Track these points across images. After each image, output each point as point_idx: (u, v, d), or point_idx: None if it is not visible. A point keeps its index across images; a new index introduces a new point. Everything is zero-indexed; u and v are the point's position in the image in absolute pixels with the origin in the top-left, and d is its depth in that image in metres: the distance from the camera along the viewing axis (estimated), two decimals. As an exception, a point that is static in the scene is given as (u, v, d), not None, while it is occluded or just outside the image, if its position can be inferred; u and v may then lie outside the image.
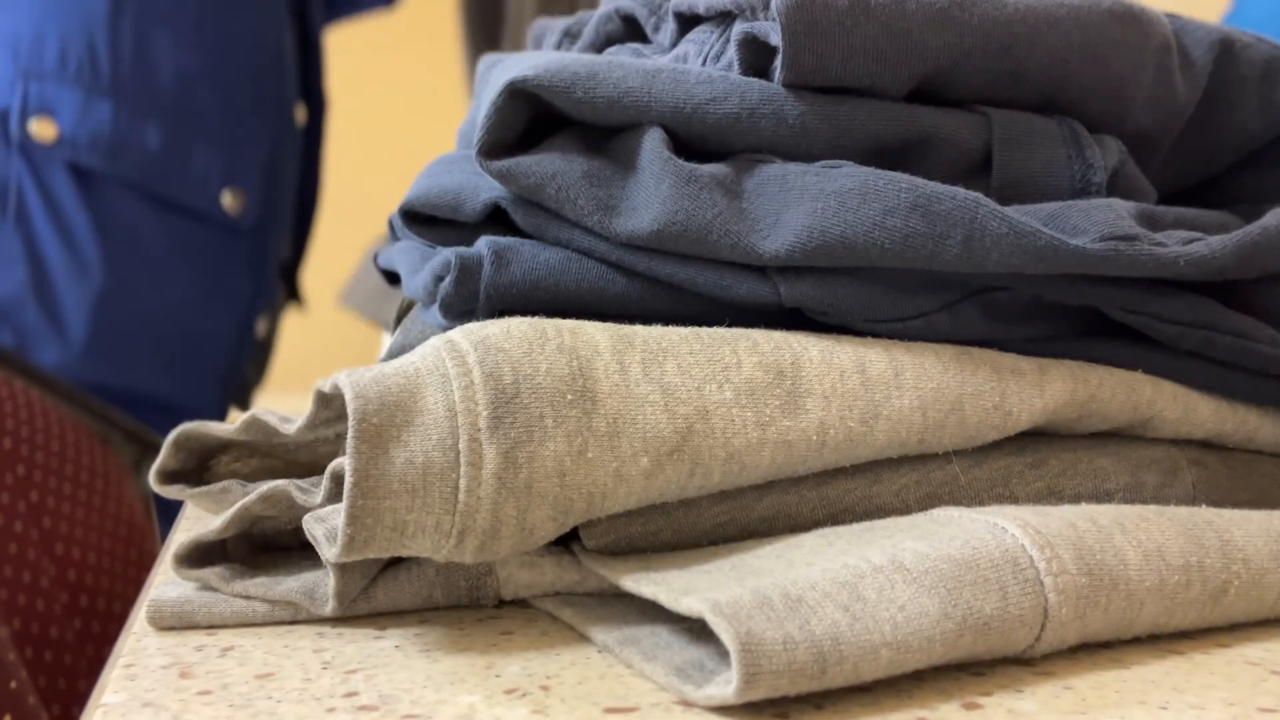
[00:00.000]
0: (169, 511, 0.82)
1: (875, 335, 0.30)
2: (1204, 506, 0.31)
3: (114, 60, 0.81)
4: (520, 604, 0.30)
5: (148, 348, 0.82)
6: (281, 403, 0.89)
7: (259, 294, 0.91)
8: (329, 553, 0.25)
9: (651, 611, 0.27)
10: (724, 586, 0.24)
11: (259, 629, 0.27)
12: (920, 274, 0.30)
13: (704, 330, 0.29)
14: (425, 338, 0.31)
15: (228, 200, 0.84)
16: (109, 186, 0.80)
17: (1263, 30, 0.36)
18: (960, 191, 0.29)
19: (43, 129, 0.78)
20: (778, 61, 0.30)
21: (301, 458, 0.32)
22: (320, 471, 0.30)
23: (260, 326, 0.94)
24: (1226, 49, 0.34)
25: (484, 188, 0.32)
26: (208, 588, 0.28)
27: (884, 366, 0.29)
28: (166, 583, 0.28)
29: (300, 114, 0.98)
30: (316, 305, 1.11)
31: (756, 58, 0.32)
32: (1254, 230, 0.31)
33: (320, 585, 0.27)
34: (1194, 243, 0.30)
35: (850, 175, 0.29)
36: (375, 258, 0.39)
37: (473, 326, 0.27)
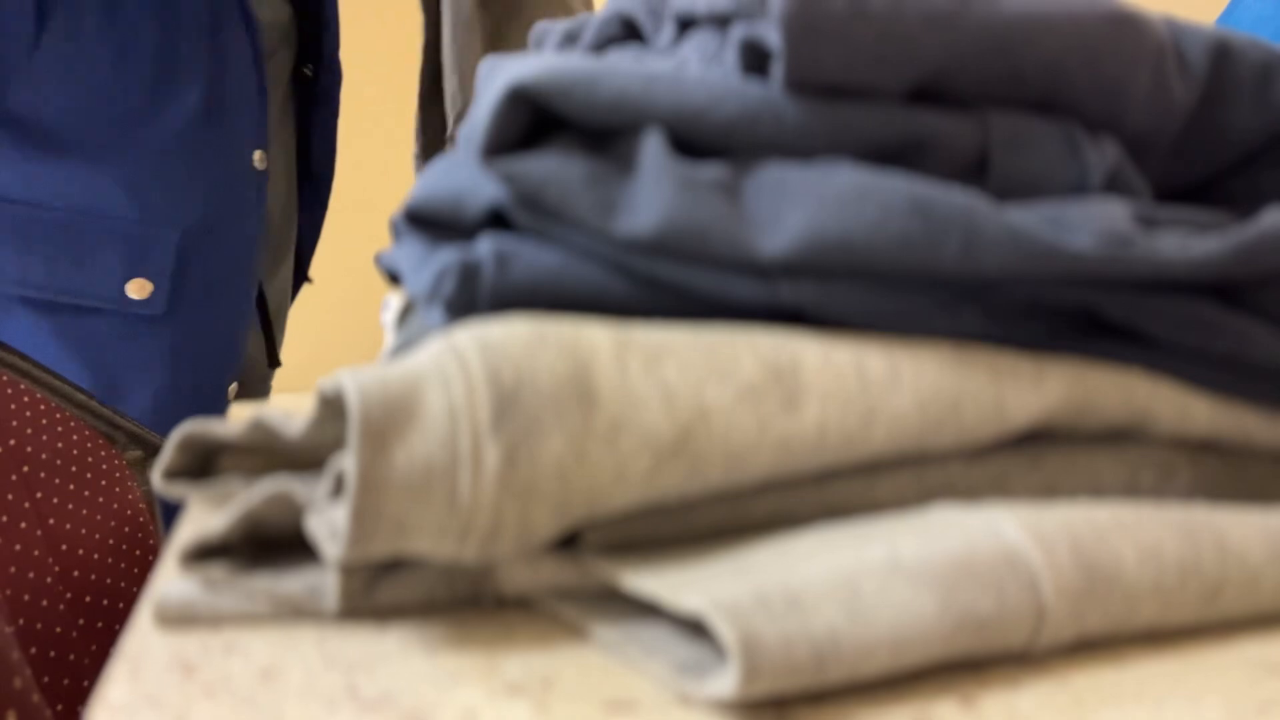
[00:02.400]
0: (172, 510, 0.82)
1: (874, 336, 0.31)
2: (1201, 506, 0.31)
3: None
4: (521, 602, 0.30)
5: None
6: (286, 403, 0.89)
7: (206, 380, 0.85)
8: (331, 552, 0.25)
9: (652, 609, 0.27)
10: (723, 585, 0.25)
11: (262, 626, 0.27)
12: (918, 275, 0.30)
13: (704, 331, 0.29)
14: (427, 338, 0.31)
15: (133, 289, 0.78)
16: None
17: (1258, 32, 0.36)
18: (958, 193, 0.30)
19: None
20: (777, 64, 0.30)
21: (304, 457, 0.32)
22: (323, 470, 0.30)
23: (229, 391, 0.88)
24: (1223, 52, 0.34)
25: (485, 189, 0.32)
26: (211, 585, 0.28)
27: (882, 367, 0.29)
28: (170, 580, 0.29)
29: (260, 160, 0.90)
30: (318, 306, 1.11)
31: (756, 60, 0.32)
32: (1250, 232, 0.31)
33: (323, 583, 0.28)
34: (1191, 244, 0.31)
35: (849, 177, 0.30)
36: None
37: (474, 327, 0.27)
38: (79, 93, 0.77)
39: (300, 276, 1.08)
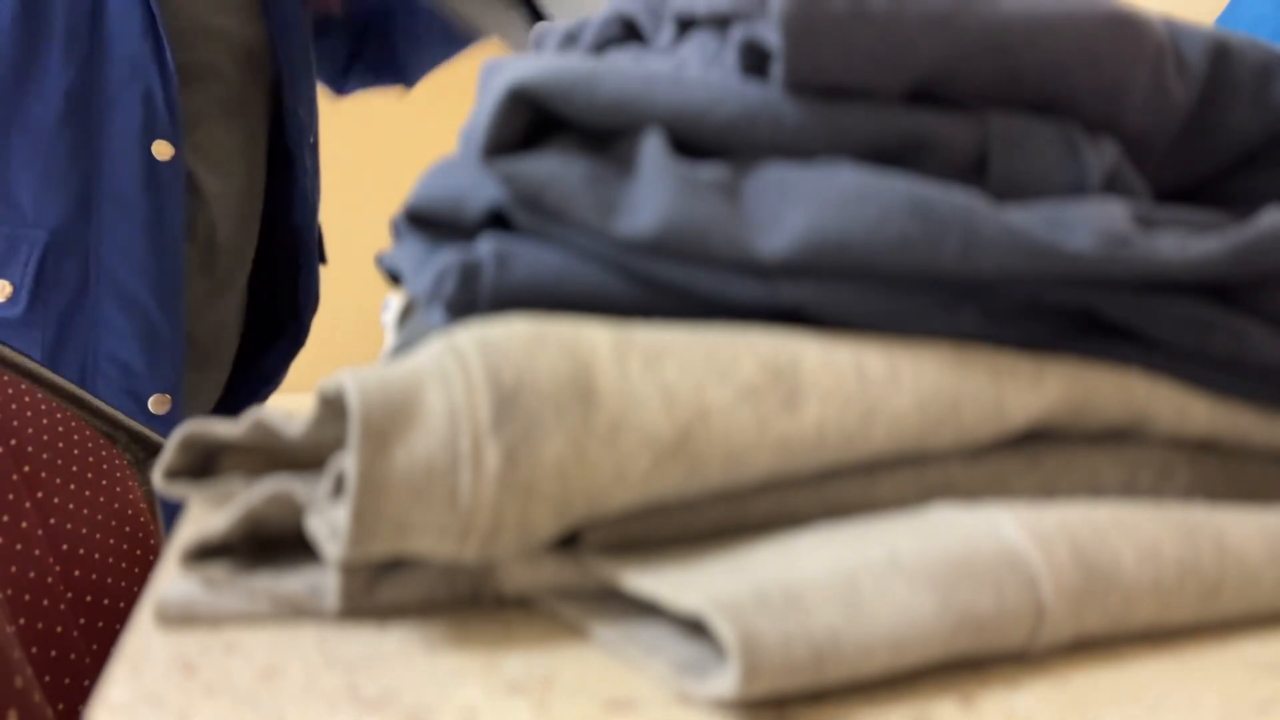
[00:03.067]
0: (173, 510, 0.82)
1: (873, 336, 0.31)
2: (1199, 506, 0.31)
3: None
4: (522, 601, 0.30)
5: None
6: (287, 404, 0.89)
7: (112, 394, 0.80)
8: (332, 551, 0.25)
9: (652, 608, 0.27)
10: (723, 584, 0.25)
11: (263, 626, 0.27)
12: (918, 275, 0.30)
13: (704, 331, 0.29)
14: (427, 338, 0.31)
15: None
16: None
17: (1256, 33, 0.36)
18: (957, 194, 0.30)
19: None
20: (776, 64, 0.30)
21: (305, 457, 0.32)
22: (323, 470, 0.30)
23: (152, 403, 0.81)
24: (1222, 53, 0.34)
25: (485, 190, 0.32)
26: (211, 585, 0.28)
27: (882, 366, 0.29)
28: (171, 580, 0.29)
29: (160, 151, 0.82)
30: (321, 308, 1.11)
31: (755, 60, 0.32)
32: (1249, 232, 0.31)
33: (323, 583, 0.28)
34: (1190, 244, 0.31)
35: (848, 177, 0.30)
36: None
37: (474, 327, 0.27)
38: None
39: (296, 338, 1.01)
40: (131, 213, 0.79)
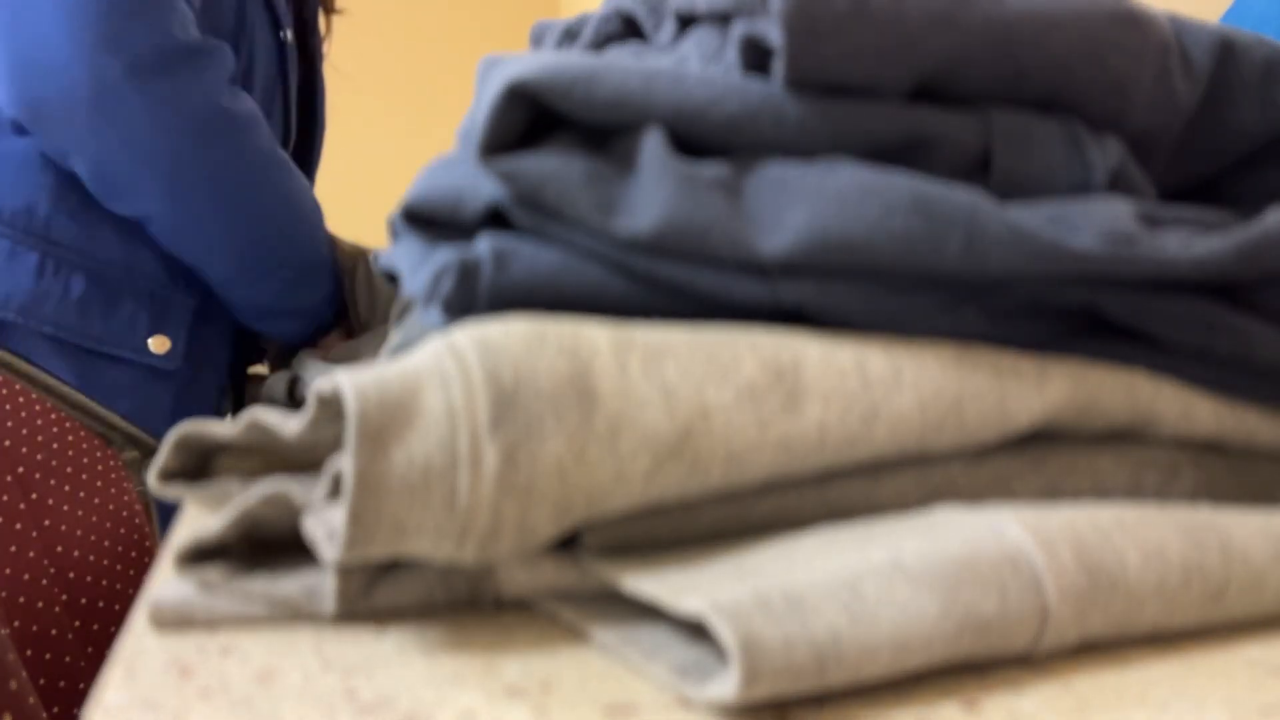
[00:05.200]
0: (168, 511, 0.82)
1: (875, 335, 0.30)
2: (1204, 507, 0.31)
3: (49, 220, 0.82)
4: (520, 604, 0.30)
5: None
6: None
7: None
8: (329, 553, 0.25)
9: (652, 611, 0.27)
10: (724, 586, 0.24)
11: (259, 628, 0.27)
12: (920, 274, 0.30)
13: (704, 330, 0.29)
14: (425, 338, 0.31)
15: (154, 344, 0.86)
16: (21, 334, 0.81)
17: (1262, 31, 0.36)
18: (960, 192, 0.29)
19: None
20: (778, 61, 0.30)
21: (302, 458, 0.32)
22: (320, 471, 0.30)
23: None
24: (1227, 50, 0.34)
25: (484, 188, 0.32)
26: (207, 587, 0.28)
27: (884, 366, 0.29)
28: (167, 582, 0.29)
29: None
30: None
31: (756, 58, 0.32)
32: (1254, 231, 0.31)
33: (320, 585, 0.27)
34: (1194, 243, 0.31)
35: (850, 175, 0.29)
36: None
37: (473, 327, 0.27)
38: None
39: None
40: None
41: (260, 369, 1.05)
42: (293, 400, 0.83)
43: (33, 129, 0.79)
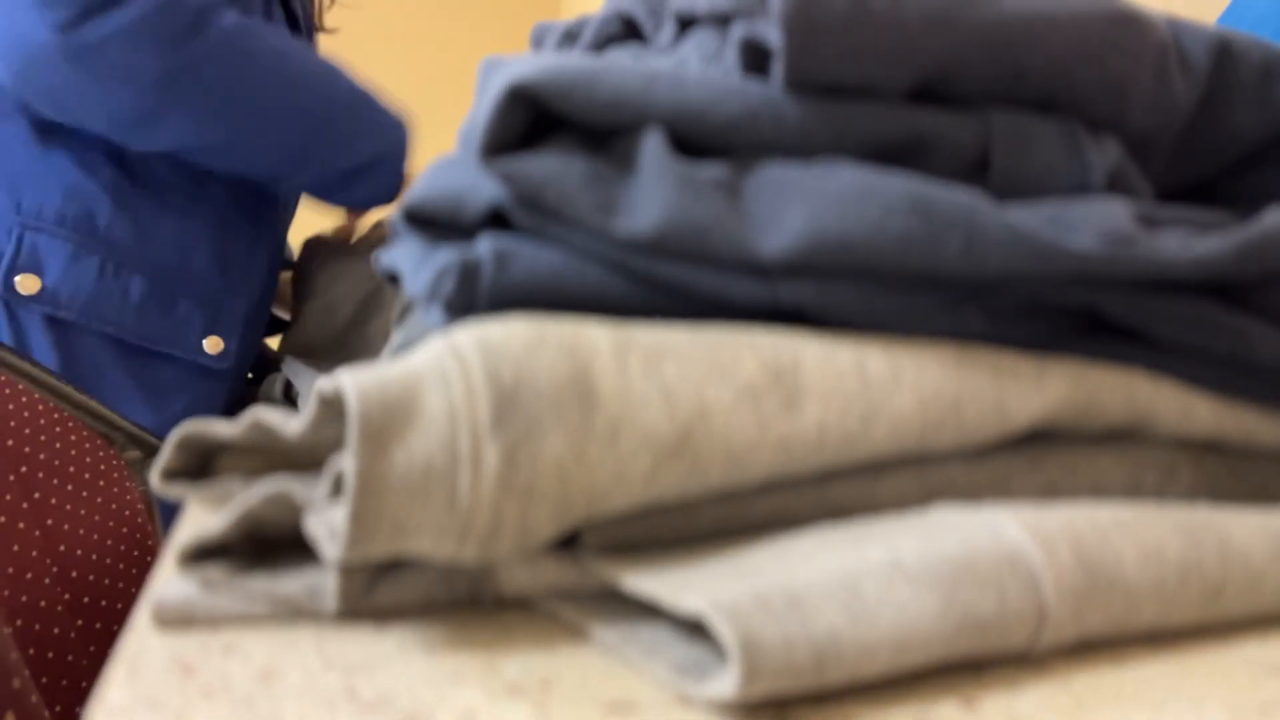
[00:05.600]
0: (171, 511, 0.82)
1: (875, 335, 0.30)
2: (1203, 506, 0.31)
3: (110, 224, 0.85)
4: (521, 602, 0.30)
5: None
6: (283, 403, 0.90)
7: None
8: (330, 552, 0.25)
9: (652, 610, 0.27)
10: (724, 585, 0.24)
11: (261, 627, 0.27)
12: (920, 275, 0.30)
13: (704, 331, 0.29)
14: (426, 338, 0.31)
15: (209, 345, 0.89)
16: (82, 333, 0.85)
17: (1259, 32, 0.36)
18: (959, 193, 0.29)
19: (27, 283, 0.83)
20: (777, 63, 0.30)
21: (303, 457, 0.32)
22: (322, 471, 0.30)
23: None
24: (1225, 51, 0.34)
25: (485, 189, 0.32)
26: (209, 586, 0.28)
27: (883, 366, 0.29)
28: (169, 581, 0.29)
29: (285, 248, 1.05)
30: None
31: (756, 59, 0.32)
32: (1253, 231, 0.31)
33: (322, 584, 0.27)
34: (1193, 243, 0.31)
35: (850, 176, 0.30)
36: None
37: (474, 327, 0.27)
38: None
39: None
40: (271, 294, 0.99)
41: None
42: (288, 401, 0.84)
43: (37, 102, 0.81)
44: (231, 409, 0.93)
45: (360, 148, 0.91)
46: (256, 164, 0.89)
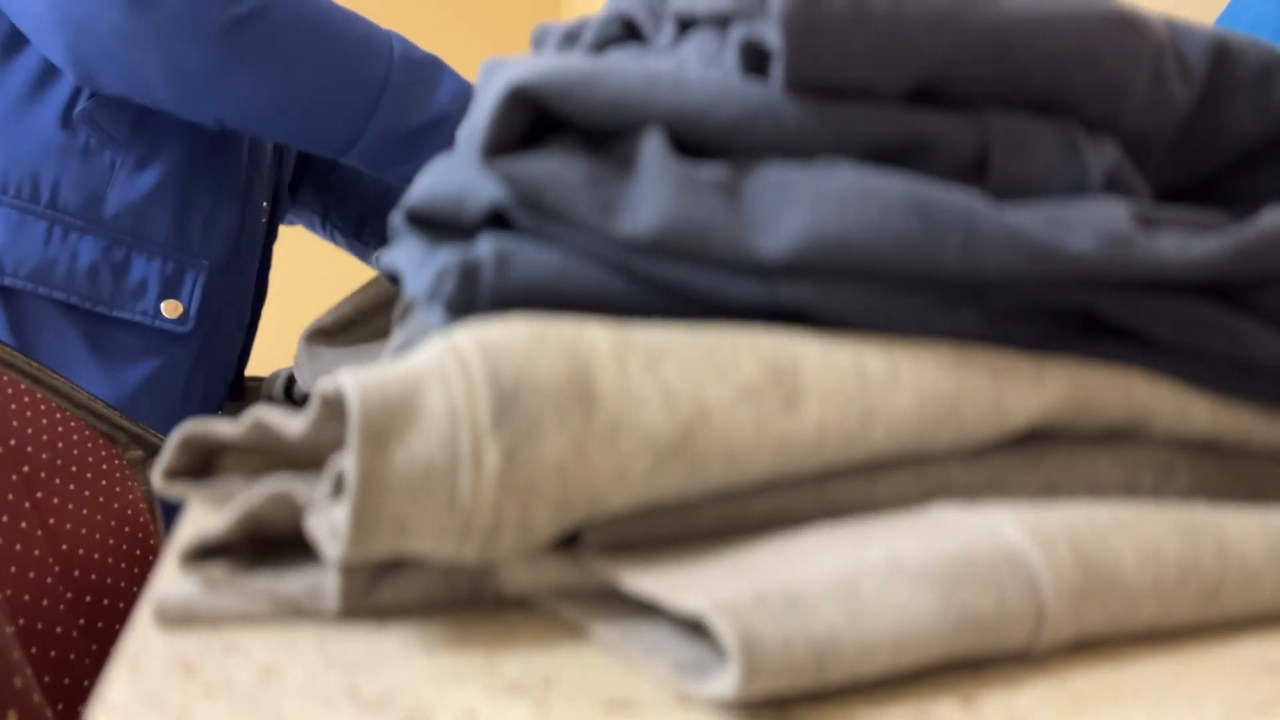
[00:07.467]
0: (172, 510, 0.82)
1: (874, 336, 0.31)
2: (1200, 506, 0.31)
3: (54, 186, 0.84)
4: (521, 601, 0.30)
5: None
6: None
7: (209, 395, 0.94)
8: (331, 551, 0.25)
9: (652, 609, 0.27)
10: (723, 585, 0.25)
11: (263, 626, 0.27)
12: (918, 275, 0.30)
13: (704, 331, 0.29)
14: (427, 338, 0.31)
15: (166, 309, 0.88)
16: (31, 299, 0.84)
17: (1257, 33, 0.36)
18: (958, 193, 0.30)
19: None
20: (776, 64, 0.30)
21: (305, 457, 0.32)
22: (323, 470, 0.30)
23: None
24: (1222, 52, 0.34)
25: (485, 189, 0.32)
26: (211, 585, 0.28)
27: (882, 366, 0.29)
28: (171, 580, 0.29)
29: (265, 210, 1.01)
30: (317, 305, 1.11)
31: (756, 60, 0.32)
32: (1250, 232, 0.31)
33: (323, 583, 0.28)
34: (1190, 244, 0.31)
35: (849, 177, 0.30)
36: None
37: (474, 327, 0.27)
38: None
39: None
40: (250, 255, 0.97)
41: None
42: (289, 398, 0.83)
43: (100, 71, 0.80)
44: (210, 370, 0.92)
45: (429, 102, 0.88)
46: (320, 127, 0.85)
